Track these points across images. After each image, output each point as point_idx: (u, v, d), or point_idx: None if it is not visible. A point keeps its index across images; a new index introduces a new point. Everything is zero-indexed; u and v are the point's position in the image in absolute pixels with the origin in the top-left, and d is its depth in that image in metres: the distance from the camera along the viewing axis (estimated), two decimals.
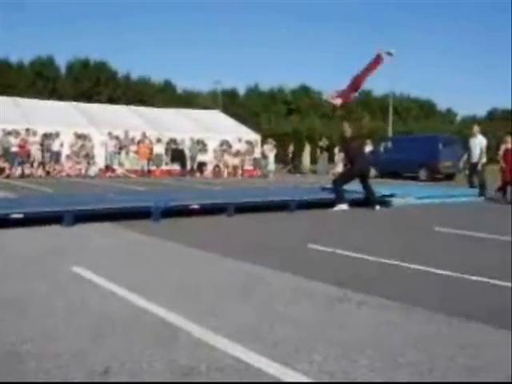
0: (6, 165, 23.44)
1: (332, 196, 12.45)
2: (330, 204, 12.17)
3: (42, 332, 3.93)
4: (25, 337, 3.81)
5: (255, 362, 3.39)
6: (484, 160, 16.30)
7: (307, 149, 33.17)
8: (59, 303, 4.65)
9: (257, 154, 31.12)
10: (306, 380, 3.15)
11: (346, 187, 12.70)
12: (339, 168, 25.08)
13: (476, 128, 16.88)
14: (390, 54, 43.75)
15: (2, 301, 4.69)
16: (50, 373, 3.22)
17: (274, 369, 3.28)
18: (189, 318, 4.24)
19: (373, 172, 17.16)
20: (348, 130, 13.10)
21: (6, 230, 8.49)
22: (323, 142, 33.20)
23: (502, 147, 16.16)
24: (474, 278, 5.71)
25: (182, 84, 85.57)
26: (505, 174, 15.50)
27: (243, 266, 6.26)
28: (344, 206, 12.18)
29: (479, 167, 16.26)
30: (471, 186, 16.52)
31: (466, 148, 17.36)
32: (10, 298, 4.77)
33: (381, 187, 14.48)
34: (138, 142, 27.50)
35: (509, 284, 5.40)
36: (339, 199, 12.28)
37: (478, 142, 16.28)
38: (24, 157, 23.98)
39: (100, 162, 26.40)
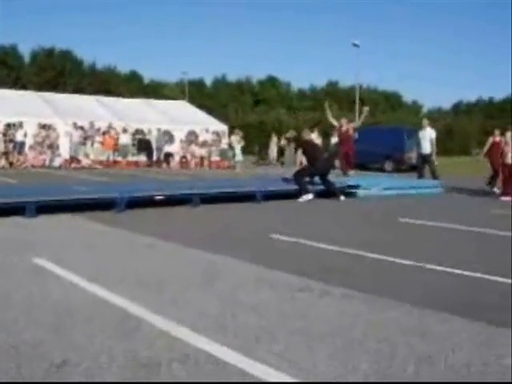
0: None
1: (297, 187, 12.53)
2: (295, 195, 12.24)
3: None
4: None
5: (216, 351, 3.41)
6: (433, 151, 16.80)
7: (274, 140, 33.21)
8: (18, 295, 4.60)
9: (224, 144, 31.05)
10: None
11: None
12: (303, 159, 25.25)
13: (425, 121, 17.41)
14: (356, 45, 44.31)
15: None
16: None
17: (234, 358, 3.30)
18: (151, 308, 4.23)
19: (337, 164, 17.39)
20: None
21: None
22: (290, 134, 33.22)
23: (490, 140, 16.68)
24: (430, 266, 5.82)
25: (148, 74, 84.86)
26: (493, 167, 15.95)
27: (205, 256, 6.26)
28: (309, 197, 12.26)
29: (430, 158, 16.74)
30: (420, 176, 16.99)
31: (417, 141, 17.87)
32: None
33: (346, 178, 14.57)
34: (104, 133, 27.22)
35: (465, 273, 5.52)
36: (303, 190, 12.36)
37: (428, 134, 16.73)
38: None
39: (65, 152, 26.06)
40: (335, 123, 18.24)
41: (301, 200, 12.12)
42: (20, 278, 5.19)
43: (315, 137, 26.17)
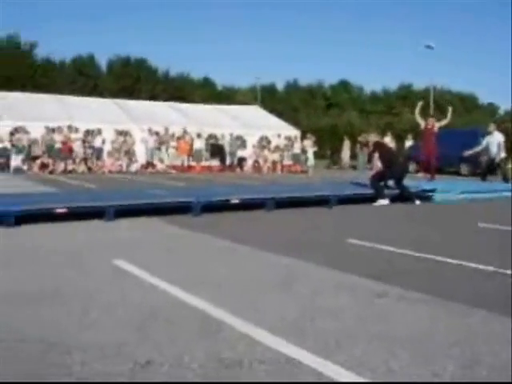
0: (50, 161, 23.92)
1: (372, 191, 12.39)
2: (370, 199, 12.11)
3: (84, 325, 4.01)
4: (68, 329, 3.89)
5: (296, 354, 3.40)
6: (503, 155, 16.41)
7: (347, 144, 32.98)
8: (101, 296, 4.72)
9: (296, 149, 31.06)
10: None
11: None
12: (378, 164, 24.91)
13: (492, 126, 17.04)
14: (429, 47, 43.45)
15: (43, 294, 4.78)
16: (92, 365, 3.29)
17: (314, 361, 3.29)
18: (231, 311, 4.26)
19: (412, 167, 17.15)
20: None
21: (50, 223, 8.67)
22: (363, 137, 32.90)
23: None
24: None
25: (221, 80, 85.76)
26: None
27: (283, 260, 6.26)
28: (385, 201, 12.11)
29: (500, 162, 16.43)
30: (484, 179, 16.85)
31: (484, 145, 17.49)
32: (50, 292, 4.85)
33: (422, 182, 14.31)
34: (178, 138, 27.72)
35: None
36: (380, 195, 12.22)
37: (496, 139, 16.37)
38: (67, 153, 24.43)
39: (140, 158, 26.70)
40: (421, 122, 17.76)
41: (376, 204, 11.98)
42: (101, 279, 5.33)
43: (389, 140, 25.89)
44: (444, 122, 17.76)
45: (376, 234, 8.19)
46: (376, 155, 15.49)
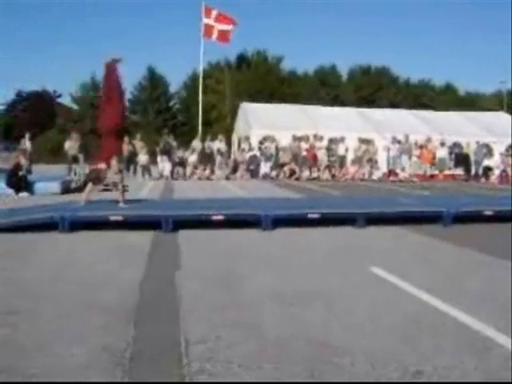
0: (297, 168, 25.00)
1: None
2: None
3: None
4: (332, 332, 4.06)
5: None
6: None
7: None
8: (362, 302, 4.84)
9: None
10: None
11: None
12: None
13: None
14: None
15: (309, 295, 5.03)
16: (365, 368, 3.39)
17: None
18: (497, 327, 4.11)
19: None
20: None
21: (303, 228, 9.11)
22: None
23: None
24: None
25: (464, 86, 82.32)
26: None
27: None
28: None
29: None
30: None
31: None
32: (313, 293, 5.09)
33: None
34: (421, 147, 27.23)
35: None
36: None
37: None
38: (311, 160, 25.34)
39: (383, 166, 26.72)
40: None
41: None
42: (360, 284, 5.47)
43: None
44: None
45: None
46: None
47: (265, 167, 25.43)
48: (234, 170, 25.14)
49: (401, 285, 5.41)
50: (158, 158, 24.96)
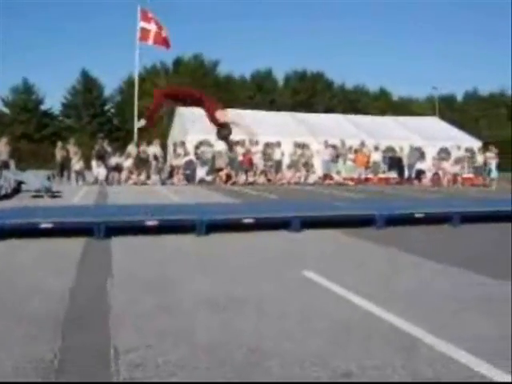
0: (233, 172, 25.02)
1: None
2: None
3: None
4: (264, 336, 4.05)
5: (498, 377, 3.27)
6: None
7: None
8: (293, 308, 4.86)
9: (478, 161, 29.67)
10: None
11: None
12: None
13: None
14: None
15: (237, 300, 5.01)
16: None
17: None
18: (424, 328, 4.18)
19: None
20: None
21: (238, 233, 9.09)
22: None
23: None
24: None
25: (397, 91, 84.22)
26: None
27: (477, 278, 5.99)
28: None
29: None
30: None
31: None
32: (242, 298, 5.07)
33: None
34: (356, 151, 27.73)
35: None
36: None
37: None
38: (247, 165, 25.41)
39: (318, 170, 27.02)
40: None
41: None
42: (293, 289, 5.48)
43: None
44: None
45: None
46: None
47: (201, 172, 25.35)
48: (170, 174, 24.98)
49: (333, 288, 5.45)
50: (93, 163, 24.54)
